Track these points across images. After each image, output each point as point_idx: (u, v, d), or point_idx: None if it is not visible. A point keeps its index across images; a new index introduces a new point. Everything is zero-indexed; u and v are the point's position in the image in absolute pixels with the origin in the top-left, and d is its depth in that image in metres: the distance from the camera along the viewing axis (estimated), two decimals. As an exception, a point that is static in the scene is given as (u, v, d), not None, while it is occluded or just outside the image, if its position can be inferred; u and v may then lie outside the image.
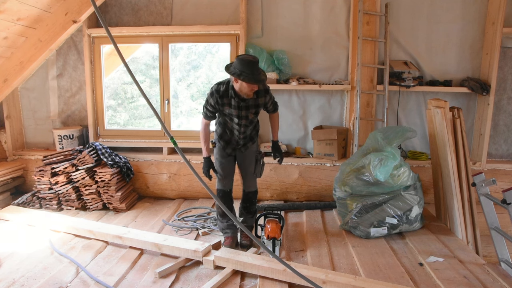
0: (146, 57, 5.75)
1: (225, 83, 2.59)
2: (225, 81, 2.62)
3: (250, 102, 2.61)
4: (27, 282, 2.30)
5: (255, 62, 2.41)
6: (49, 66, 4.11)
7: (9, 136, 4.09)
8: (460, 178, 3.20)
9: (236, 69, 2.40)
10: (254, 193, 2.97)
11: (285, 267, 2.19)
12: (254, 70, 2.39)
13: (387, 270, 2.46)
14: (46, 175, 3.53)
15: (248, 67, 2.37)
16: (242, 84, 2.44)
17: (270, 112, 2.89)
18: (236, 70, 2.40)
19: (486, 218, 2.94)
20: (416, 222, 3.06)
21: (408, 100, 3.98)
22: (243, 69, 2.37)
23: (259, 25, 3.93)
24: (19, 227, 3.16)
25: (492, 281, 2.33)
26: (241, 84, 2.45)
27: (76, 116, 4.21)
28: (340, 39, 3.91)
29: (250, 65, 2.37)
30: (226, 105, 2.60)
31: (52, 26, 3.65)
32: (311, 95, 4.02)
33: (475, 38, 3.83)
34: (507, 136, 3.98)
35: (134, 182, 4.00)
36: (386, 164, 2.91)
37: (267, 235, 2.70)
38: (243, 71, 2.37)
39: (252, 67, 2.38)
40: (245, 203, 2.97)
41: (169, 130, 4.01)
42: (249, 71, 2.37)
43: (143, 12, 3.99)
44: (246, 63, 2.37)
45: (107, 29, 1.72)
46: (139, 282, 2.32)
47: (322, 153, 3.85)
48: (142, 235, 2.81)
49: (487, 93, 3.68)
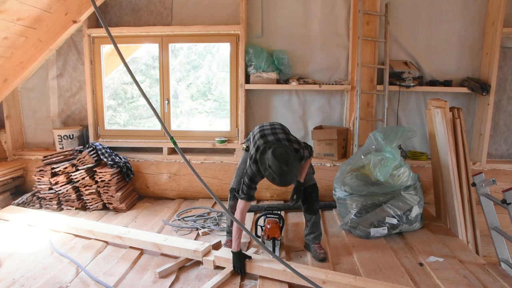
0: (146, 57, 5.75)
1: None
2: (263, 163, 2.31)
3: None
4: (27, 282, 2.30)
5: (288, 169, 2.18)
6: (49, 66, 4.11)
7: (9, 136, 4.09)
8: (460, 178, 3.20)
9: (267, 169, 2.21)
10: (312, 188, 2.69)
11: (284, 267, 2.19)
12: (283, 173, 2.18)
13: (387, 270, 2.46)
14: (46, 175, 3.54)
15: (280, 172, 2.18)
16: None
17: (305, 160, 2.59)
18: (266, 170, 2.22)
19: (486, 218, 2.94)
20: (416, 222, 3.06)
21: (408, 100, 3.99)
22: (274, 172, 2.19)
23: (259, 25, 3.93)
24: (19, 227, 3.16)
25: (492, 281, 2.33)
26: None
27: (76, 116, 4.21)
28: (340, 39, 3.91)
29: (282, 171, 2.18)
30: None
31: (52, 26, 3.65)
32: (311, 95, 4.02)
33: (475, 38, 3.83)
34: (507, 136, 3.98)
35: (134, 182, 4.00)
36: (386, 164, 2.91)
37: (267, 235, 2.70)
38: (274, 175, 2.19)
39: (283, 173, 2.18)
40: (305, 203, 2.70)
41: (169, 130, 4.01)
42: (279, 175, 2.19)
43: (143, 12, 3.99)
44: (279, 168, 2.17)
45: (107, 29, 1.72)
46: (139, 282, 2.32)
47: (322, 153, 3.85)
48: (142, 235, 2.81)
49: (487, 93, 3.68)
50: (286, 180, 2.21)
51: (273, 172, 2.18)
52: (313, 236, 2.74)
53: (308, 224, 2.76)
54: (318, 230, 2.75)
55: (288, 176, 2.20)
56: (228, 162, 3.94)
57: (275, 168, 2.18)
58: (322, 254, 2.63)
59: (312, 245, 2.72)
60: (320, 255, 2.63)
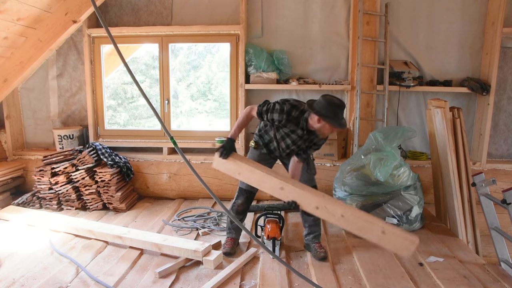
0: (146, 57, 5.75)
1: (300, 111, 2.40)
2: (299, 107, 2.42)
3: (314, 140, 2.48)
4: (27, 282, 2.30)
5: (342, 106, 2.29)
6: (49, 66, 4.11)
7: (9, 136, 4.09)
8: (460, 178, 3.20)
9: (323, 110, 2.26)
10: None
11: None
12: (340, 114, 2.29)
13: (387, 270, 2.47)
14: (46, 175, 3.54)
15: (335, 111, 2.26)
16: (325, 126, 2.31)
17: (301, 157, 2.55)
18: (322, 111, 2.26)
19: (486, 218, 2.94)
20: (416, 222, 3.06)
21: (408, 100, 3.99)
22: (330, 112, 2.25)
23: (259, 25, 3.93)
24: (19, 227, 3.16)
25: (492, 281, 2.33)
26: (324, 126, 2.31)
27: (76, 116, 4.21)
28: (340, 39, 3.91)
29: (337, 109, 2.26)
30: (287, 129, 2.46)
31: (52, 26, 3.65)
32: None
33: (475, 38, 3.83)
34: (507, 136, 3.98)
35: (134, 182, 4.00)
36: (386, 164, 2.91)
37: (267, 235, 2.70)
38: (329, 115, 2.25)
39: (339, 112, 2.27)
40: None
41: (169, 130, 4.01)
42: (336, 115, 2.26)
43: (143, 12, 3.99)
44: (335, 106, 2.26)
45: (107, 29, 1.72)
46: (139, 282, 2.32)
47: (322, 153, 3.84)
48: (142, 235, 2.81)
49: (487, 93, 3.68)
50: (342, 114, 2.29)
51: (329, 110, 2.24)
52: (312, 236, 2.74)
53: (306, 225, 2.76)
54: (317, 230, 2.75)
55: (342, 113, 2.29)
56: (228, 162, 3.93)
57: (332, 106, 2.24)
58: (322, 253, 2.63)
59: (312, 245, 2.72)
60: (321, 254, 2.63)
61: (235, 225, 2.79)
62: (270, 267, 2.51)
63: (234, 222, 2.77)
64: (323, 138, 2.48)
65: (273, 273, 2.42)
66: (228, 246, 2.73)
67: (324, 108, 2.25)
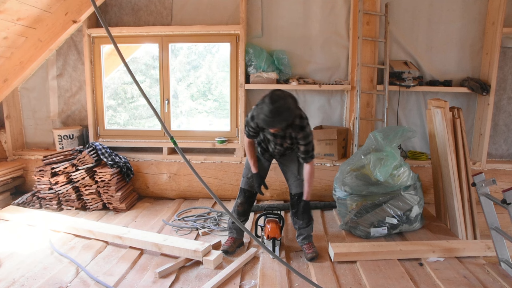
0: (146, 57, 5.75)
1: None
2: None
3: (286, 134, 2.50)
4: (27, 282, 2.30)
5: (274, 104, 2.20)
6: (49, 66, 4.11)
7: (9, 136, 4.09)
8: (460, 178, 3.20)
9: (258, 108, 2.27)
10: (299, 196, 2.70)
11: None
12: (270, 113, 2.21)
13: (387, 270, 2.47)
14: (46, 175, 3.53)
15: (270, 111, 2.21)
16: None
17: (301, 159, 2.61)
18: (257, 109, 2.27)
19: (486, 218, 2.93)
20: (416, 222, 3.06)
21: (408, 100, 3.99)
22: (264, 111, 2.23)
23: (259, 25, 3.93)
24: (19, 227, 3.16)
25: (492, 281, 2.34)
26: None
27: (76, 116, 4.21)
28: (340, 39, 3.91)
29: (266, 108, 2.21)
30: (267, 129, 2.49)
31: (52, 26, 3.65)
32: (311, 95, 4.02)
33: (475, 38, 3.83)
34: (507, 136, 3.98)
35: (134, 182, 4.00)
36: (386, 164, 2.91)
37: (267, 235, 2.70)
38: (261, 114, 2.25)
39: (268, 110, 2.21)
40: (293, 208, 2.74)
41: (169, 130, 4.01)
42: (265, 115, 2.23)
43: (143, 12, 3.99)
44: (265, 105, 2.22)
45: (107, 29, 1.72)
46: (139, 282, 2.32)
47: (322, 153, 3.85)
48: (142, 235, 2.81)
49: (487, 93, 3.68)
50: (269, 119, 2.22)
51: (264, 109, 2.22)
52: (302, 238, 2.75)
53: (296, 227, 2.78)
54: (306, 232, 2.74)
55: (274, 117, 2.21)
56: (228, 162, 3.94)
57: (268, 106, 2.21)
58: (310, 254, 2.64)
59: (302, 246, 2.74)
60: (308, 255, 2.64)
61: (235, 225, 2.80)
62: (270, 267, 2.51)
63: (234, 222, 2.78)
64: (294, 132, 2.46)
65: (273, 273, 2.43)
66: (226, 245, 2.75)
67: (257, 106, 2.30)
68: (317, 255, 2.65)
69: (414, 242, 2.82)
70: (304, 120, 2.47)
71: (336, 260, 2.59)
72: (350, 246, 2.71)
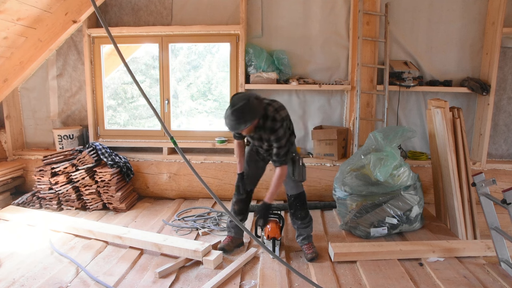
0: (146, 57, 5.75)
1: None
2: None
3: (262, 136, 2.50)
4: (27, 282, 2.30)
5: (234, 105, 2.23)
6: (49, 66, 4.11)
7: (9, 136, 4.09)
8: (460, 178, 3.20)
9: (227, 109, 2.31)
10: (296, 197, 2.69)
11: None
12: (232, 115, 2.24)
13: (387, 270, 2.47)
14: (46, 175, 3.53)
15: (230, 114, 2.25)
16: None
17: (272, 162, 2.59)
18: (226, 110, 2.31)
19: (486, 218, 2.93)
20: (416, 222, 3.06)
21: (408, 100, 3.98)
22: (226, 114, 2.28)
23: (259, 25, 3.93)
24: (19, 227, 3.16)
25: (492, 281, 2.34)
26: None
27: (76, 116, 4.21)
28: (340, 39, 3.91)
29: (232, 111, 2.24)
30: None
31: (52, 26, 3.65)
32: (311, 95, 4.02)
33: (475, 38, 3.83)
34: (507, 136, 3.98)
35: (134, 182, 4.00)
36: (386, 164, 2.91)
37: (267, 235, 2.70)
38: (225, 118, 2.30)
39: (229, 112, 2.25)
40: (290, 208, 2.74)
41: (169, 130, 4.01)
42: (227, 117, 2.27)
43: (143, 12, 3.99)
44: (230, 109, 2.25)
45: (107, 29, 1.72)
46: (139, 282, 2.32)
47: (322, 153, 3.84)
48: (142, 235, 2.81)
49: (487, 93, 3.68)
50: (232, 122, 2.26)
51: (226, 113, 2.27)
52: (301, 238, 2.76)
53: (295, 227, 2.78)
54: (306, 232, 2.75)
55: (236, 119, 2.24)
56: (228, 162, 3.94)
57: (228, 109, 2.26)
58: (310, 254, 2.64)
59: (302, 247, 2.74)
60: (308, 255, 2.64)
61: (233, 223, 2.82)
62: (270, 267, 2.51)
63: (232, 221, 2.82)
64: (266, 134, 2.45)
65: (273, 273, 2.43)
66: (224, 243, 2.76)
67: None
68: (317, 256, 2.65)
69: (414, 242, 2.82)
70: (277, 122, 2.38)
71: (336, 260, 2.59)
72: (350, 246, 2.71)
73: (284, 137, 2.42)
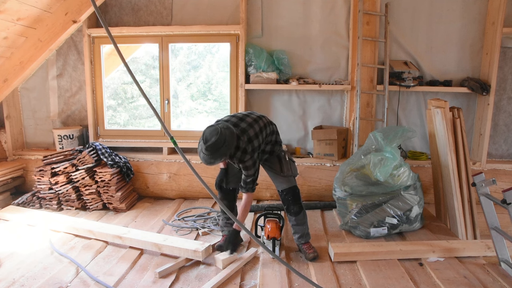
0: (146, 57, 5.74)
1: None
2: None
3: (233, 160, 2.52)
4: (27, 282, 2.30)
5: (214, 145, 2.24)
6: (49, 66, 4.11)
7: (9, 136, 4.09)
8: (460, 178, 3.20)
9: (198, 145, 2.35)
10: (288, 191, 2.67)
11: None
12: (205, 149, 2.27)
13: (387, 270, 2.47)
14: (46, 175, 3.53)
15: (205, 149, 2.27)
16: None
17: (240, 189, 2.61)
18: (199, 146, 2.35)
19: (486, 218, 2.93)
20: (416, 222, 3.06)
21: (408, 100, 3.99)
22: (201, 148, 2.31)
23: (259, 25, 3.93)
24: (19, 227, 3.16)
25: (492, 281, 2.34)
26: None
27: (76, 116, 4.21)
28: (340, 39, 3.91)
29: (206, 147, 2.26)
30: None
31: (52, 26, 3.65)
32: (311, 95, 4.02)
33: (475, 38, 3.83)
34: (507, 136, 3.98)
35: (134, 182, 4.00)
36: (386, 164, 2.91)
37: (267, 235, 2.70)
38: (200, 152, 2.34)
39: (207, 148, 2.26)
40: (284, 204, 2.74)
41: (169, 130, 4.01)
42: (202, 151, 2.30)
43: (143, 12, 3.99)
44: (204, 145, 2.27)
45: (107, 29, 1.72)
46: (139, 282, 2.32)
47: (322, 153, 3.85)
48: (142, 235, 2.81)
49: (487, 93, 3.68)
50: (206, 157, 2.29)
51: (201, 147, 2.29)
52: (298, 237, 2.74)
53: (291, 224, 2.77)
54: (301, 230, 2.73)
55: (210, 154, 2.27)
56: (228, 162, 3.94)
57: (202, 144, 2.29)
58: (311, 253, 2.63)
59: (301, 246, 2.73)
60: (310, 255, 2.63)
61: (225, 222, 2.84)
62: (270, 267, 2.51)
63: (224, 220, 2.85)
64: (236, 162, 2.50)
65: (273, 273, 2.43)
66: (221, 242, 2.77)
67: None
68: (318, 255, 2.65)
69: (414, 242, 2.82)
70: (246, 155, 2.42)
71: (336, 260, 2.59)
72: (350, 246, 2.71)
73: (252, 167, 2.48)
